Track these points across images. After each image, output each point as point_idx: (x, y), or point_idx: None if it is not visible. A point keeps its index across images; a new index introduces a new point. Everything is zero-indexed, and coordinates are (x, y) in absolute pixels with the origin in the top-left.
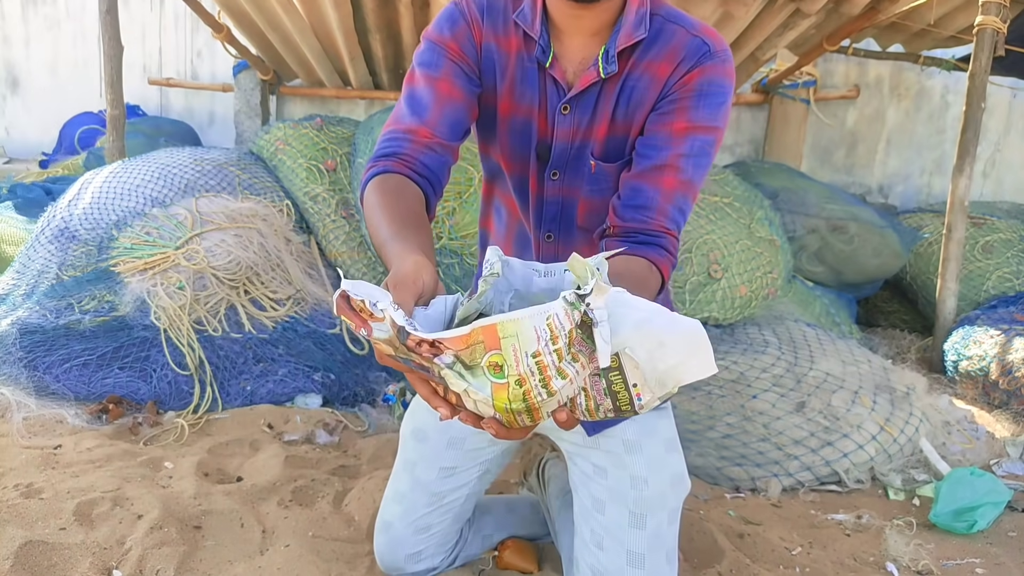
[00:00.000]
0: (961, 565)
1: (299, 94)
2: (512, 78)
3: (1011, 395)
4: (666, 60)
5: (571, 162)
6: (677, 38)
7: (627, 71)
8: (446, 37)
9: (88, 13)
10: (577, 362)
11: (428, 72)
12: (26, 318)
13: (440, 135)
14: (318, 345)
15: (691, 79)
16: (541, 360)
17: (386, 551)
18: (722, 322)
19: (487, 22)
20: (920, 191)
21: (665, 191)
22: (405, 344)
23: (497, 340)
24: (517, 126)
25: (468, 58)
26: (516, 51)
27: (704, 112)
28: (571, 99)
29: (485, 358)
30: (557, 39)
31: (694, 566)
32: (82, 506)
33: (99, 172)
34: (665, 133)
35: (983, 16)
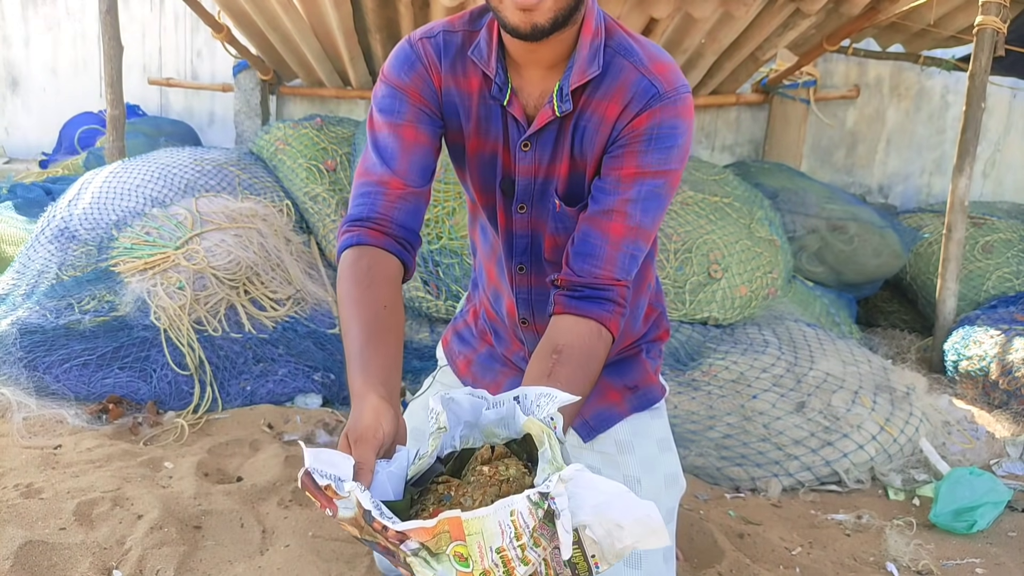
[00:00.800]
0: (961, 565)
1: (299, 94)
2: (477, 117)
3: (1011, 395)
4: (614, 100)
5: (536, 197)
6: (625, 76)
7: (580, 108)
8: (405, 82)
9: (88, 13)
10: (539, 546)
11: (391, 119)
12: (26, 318)
13: (411, 183)
14: (318, 345)
15: (640, 123)
16: (505, 555)
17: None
18: (722, 322)
19: (445, 65)
20: (920, 191)
21: (613, 238)
22: (371, 526)
23: (462, 533)
24: (484, 161)
25: (429, 103)
26: (478, 90)
27: (654, 157)
28: (530, 136)
29: (450, 547)
30: (516, 72)
31: (694, 566)
32: (82, 506)
33: (99, 172)
34: (614, 177)
35: (983, 16)
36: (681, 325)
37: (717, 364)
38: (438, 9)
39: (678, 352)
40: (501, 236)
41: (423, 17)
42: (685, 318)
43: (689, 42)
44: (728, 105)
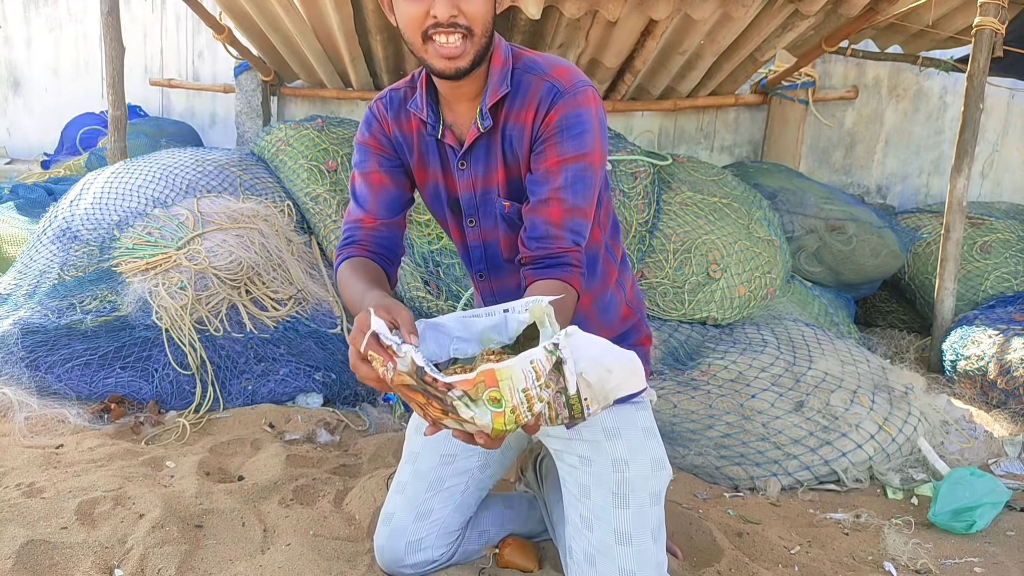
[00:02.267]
0: (959, 564)
1: (300, 95)
2: (418, 153)
3: (1009, 395)
4: (527, 108)
5: (480, 208)
6: (533, 87)
7: (502, 122)
8: (367, 137)
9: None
10: (549, 388)
11: (362, 170)
12: (28, 318)
13: (381, 217)
14: (319, 345)
15: (551, 120)
16: (528, 392)
17: (386, 542)
18: (721, 322)
19: (391, 116)
20: (918, 191)
21: (554, 221)
22: (423, 379)
23: (496, 381)
24: (431, 190)
25: (386, 148)
26: (416, 131)
27: (569, 145)
28: (463, 155)
29: (486, 393)
30: (448, 108)
31: (693, 565)
32: (84, 505)
33: (101, 173)
34: (543, 170)
35: (981, 17)
36: (680, 325)
37: (716, 364)
38: None
39: (677, 352)
40: (460, 251)
41: None
42: (684, 318)
43: (688, 43)
44: (727, 106)
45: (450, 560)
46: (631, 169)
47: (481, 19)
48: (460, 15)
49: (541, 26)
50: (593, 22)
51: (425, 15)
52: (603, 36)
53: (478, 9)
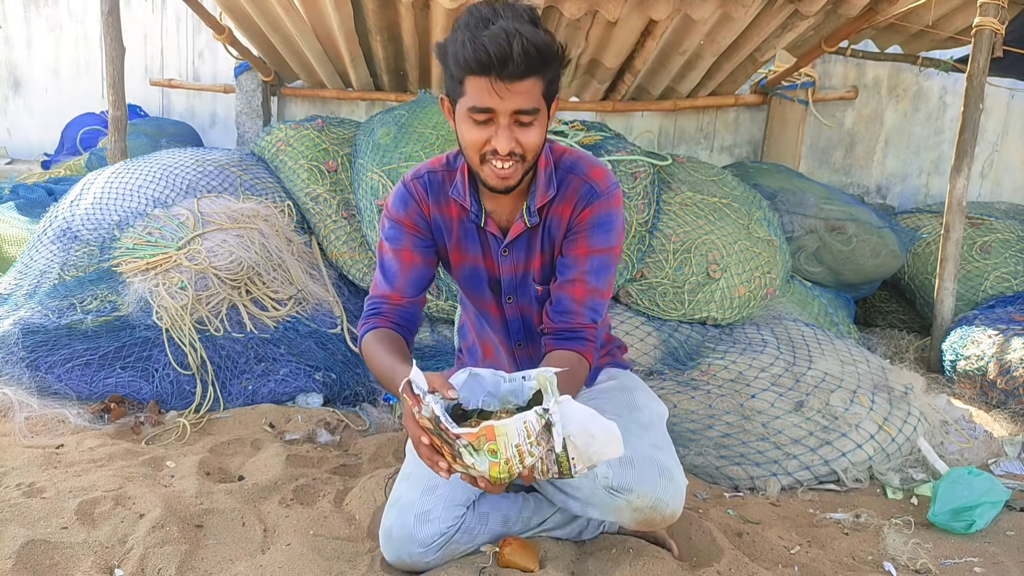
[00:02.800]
0: (959, 564)
1: (300, 95)
2: (457, 236)
3: (1009, 395)
4: (567, 204)
5: (519, 288)
6: (573, 187)
7: (545, 218)
8: (402, 215)
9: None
10: (540, 446)
11: (394, 246)
12: (28, 318)
13: (407, 295)
14: (319, 345)
15: (585, 216)
16: (520, 448)
17: (395, 519)
18: (721, 322)
19: (431, 199)
20: (918, 191)
21: (578, 299)
22: (438, 426)
23: (494, 436)
24: (467, 271)
25: (421, 229)
26: (457, 216)
27: (598, 239)
28: (508, 244)
29: (486, 445)
30: (488, 199)
31: (693, 565)
32: (84, 505)
33: (101, 173)
34: (572, 256)
35: (981, 17)
36: (680, 325)
37: (716, 364)
38: (438, 11)
39: (677, 352)
40: (497, 323)
41: (424, 18)
42: (684, 318)
43: (688, 43)
44: (727, 106)
45: (458, 529)
46: (631, 169)
47: (535, 148)
48: (517, 146)
49: None
50: (593, 22)
51: (486, 142)
52: (603, 36)
53: (534, 141)
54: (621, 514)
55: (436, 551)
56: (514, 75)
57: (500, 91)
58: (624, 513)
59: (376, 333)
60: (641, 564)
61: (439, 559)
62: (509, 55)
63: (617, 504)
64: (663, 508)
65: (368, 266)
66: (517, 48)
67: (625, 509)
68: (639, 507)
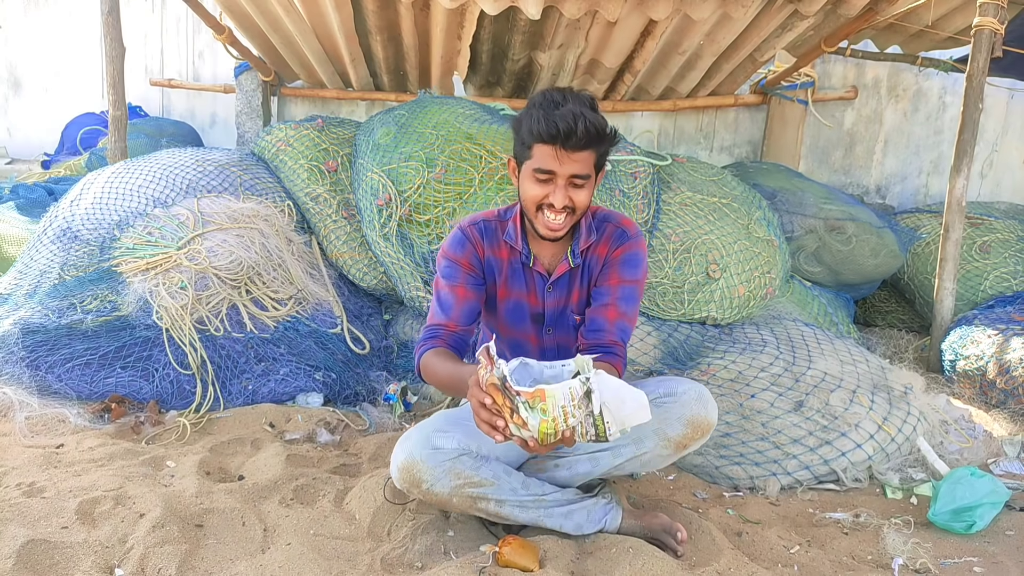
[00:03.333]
0: (959, 564)
1: (300, 95)
2: (505, 275)
3: (1008, 394)
4: (604, 244)
5: (559, 320)
6: (608, 231)
7: (585, 259)
8: (460, 256)
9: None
10: (581, 409)
11: (450, 283)
12: (28, 318)
13: (461, 325)
14: (319, 344)
15: (617, 254)
16: (565, 409)
17: (415, 431)
18: (720, 322)
19: (486, 242)
20: (918, 191)
21: (610, 320)
22: (505, 386)
23: (545, 397)
24: (511, 305)
25: (475, 268)
26: (507, 258)
27: (627, 272)
28: (553, 282)
29: (538, 404)
30: (535, 244)
31: (693, 564)
32: (84, 505)
33: (101, 173)
34: (606, 286)
35: (981, 17)
36: (680, 325)
37: (716, 363)
38: (438, 11)
39: (677, 352)
40: (535, 352)
41: (424, 18)
42: (684, 318)
43: (688, 43)
44: (727, 106)
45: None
46: (631, 169)
47: (583, 207)
48: (570, 202)
49: (541, 26)
50: (593, 22)
51: (544, 196)
52: (603, 36)
53: (583, 201)
54: (669, 422)
55: (446, 460)
56: (575, 147)
57: (562, 158)
58: (672, 418)
59: (435, 351)
60: (641, 564)
61: (444, 477)
62: (574, 131)
63: (668, 409)
64: (707, 402)
65: (368, 266)
66: (581, 127)
67: (674, 409)
68: (687, 402)
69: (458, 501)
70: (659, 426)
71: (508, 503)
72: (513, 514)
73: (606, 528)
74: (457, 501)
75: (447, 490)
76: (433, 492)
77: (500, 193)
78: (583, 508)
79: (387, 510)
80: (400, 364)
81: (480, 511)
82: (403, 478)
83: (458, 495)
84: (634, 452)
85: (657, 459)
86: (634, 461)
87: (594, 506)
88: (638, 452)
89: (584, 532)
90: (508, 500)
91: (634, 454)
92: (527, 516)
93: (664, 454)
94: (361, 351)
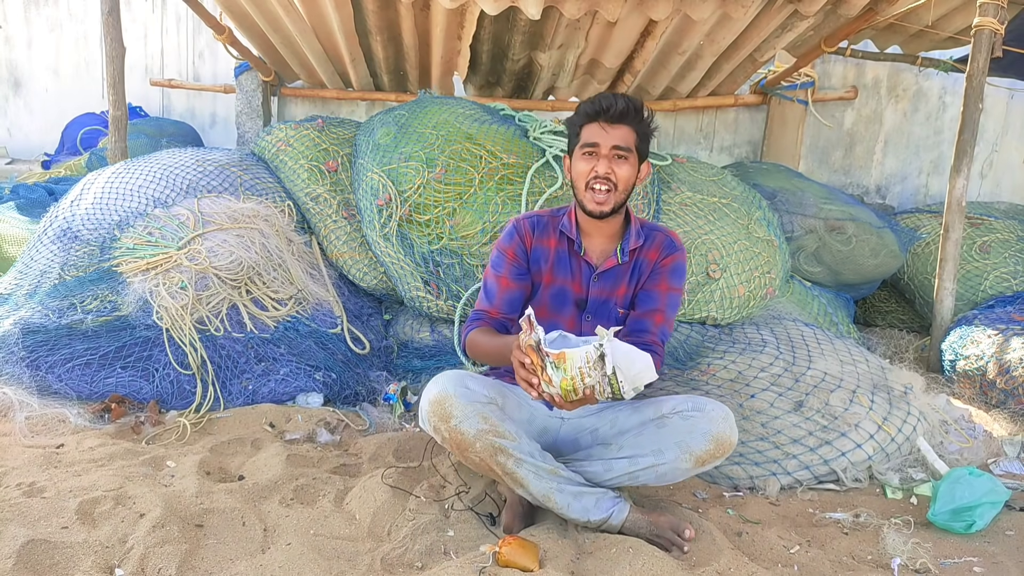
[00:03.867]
0: (959, 564)
1: (300, 95)
2: (552, 263)
3: (1008, 394)
4: (654, 250)
5: (599, 309)
6: (659, 239)
7: (634, 260)
8: (507, 246)
9: (90, 14)
10: (596, 370)
11: (496, 271)
12: (29, 318)
13: (503, 312)
14: (319, 344)
15: (667, 262)
16: (581, 369)
17: (449, 378)
18: (720, 322)
19: (535, 233)
20: (918, 191)
21: (655, 323)
22: (539, 346)
23: (565, 359)
24: (555, 290)
25: (520, 260)
26: (554, 248)
27: (674, 280)
28: (600, 274)
29: (562, 365)
30: (586, 238)
31: (693, 564)
32: (84, 505)
33: (101, 173)
34: (656, 291)
35: (981, 17)
36: (680, 325)
37: (715, 363)
38: (438, 11)
39: (677, 352)
40: None
41: (424, 18)
42: (684, 318)
43: (688, 43)
44: (727, 106)
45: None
46: None
47: (625, 181)
48: (612, 174)
49: (541, 26)
50: (593, 22)
51: (591, 170)
52: (603, 36)
53: (625, 175)
54: (694, 436)
55: (477, 402)
56: (615, 119)
57: (606, 129)
58: (697, 432)
59: (480, 329)
60: (641, 564)
61: (473, 417)
62: (614, 104)
63: (694, 422)
64: (732, 422)
65: (368, 265)
66: (621, 102)
67: (701, 423)
68: (715, 419)
69: (481, 447)
70: (683, 439)
71: (526, 464)
72: (527, 478)
73: (612, 519)
74: (480, 447)
75: (473, 431)
76: (460, 431)
77: (500, 193)
78: (593, 494)
79: (387, 510)
80: (400, 364)
81: (498, 466)
82: (433, 411)
83: (482, 441)
84: (652, 461)
85: (674, 472)
86: (650, 471)
87: (604, 495)
88: (657, 462)
89: (590, 518)
90: (526, 461)
91: (652, 463)
92: (539, 486)
93: (683, 468)
94: (361, 351)
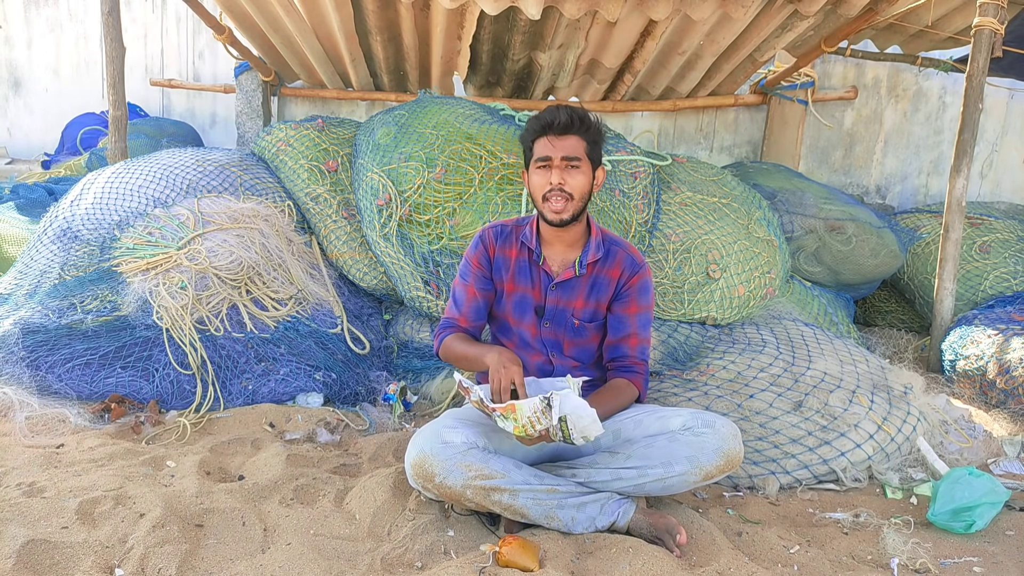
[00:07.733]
0: (959, 564)
1: (300, 95)
2: (512, 272)
3: (1008, 394)
4: (615, 269)
5: (556, 317)
6: (619, 257)
7: (593, 273)
8: (472, 255)
9: (90, 14)
10: (546, 418)
11: (463, 281)
12: (29, 318)
13: (471, 320)
14: (319, 344)
15: (634, 283)
16: (531, 419)
17: (425, 428)
18: (720, 322)
19: (498, 243)
20: (917, 191)
21: (631, 346)
22: (483, 405)
23: (515, 410)
24: (517, 298)
25: (484, 268)
26: (516, 256)
27: (642, 300)
28: (557, 284)
29: (511, 415)
30: (546, 246)
31: (693, 564)
32: (84, 505)
33: (101, 173)
34: (625, 314)
35: (980, 17)
36: (680, 325)
37: (715, 363)
38: (438, 11)
39: (676, 352)
40: (533, 341)
41: (424, 18)
42: (683, 318)
43: (688, 44)
44: (726, 106)
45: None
46: (631, 169)
47: (579, 189)
48: (566, 183)
49: (541, 26)
50: (593, 22)
51: (546, 183)
52: (603, 36)
53: (579, 183)
54: (704, 451)
55: (456, 454)
56: (562, 131)
57: (553, 142)
58: (708, 448)
59: (454, 335)
60: (641, 564)
61: (456, 470)
62: (557, 116)
63: (706, 439)
64: (740, 439)
65: (368, 265)
66: (563, 114)
67: (712, 440)
68: (725, 436)
69: (472, 494)
70: (694, 453)
71: (522, 494)
72: (526, 507)
73: (619, 520)
74: (471, 494)
75: (459, 483)
76: (446, 485)
77: (500, 193)
78: (596, 500)
79: (387, 510)
80: (400, 364)
81: (495, 504)
82: (416, 473)
83: (471, 487)
84: (662, 473)
85: (682, 484)
86: (658, 483)
87: (608, 499)
88: (666, 474)
89: (597, 526)
90: (521, 491)
91: (661, 476)
92: (539, 511)
93: (691, 480)
94: (361, 351)
